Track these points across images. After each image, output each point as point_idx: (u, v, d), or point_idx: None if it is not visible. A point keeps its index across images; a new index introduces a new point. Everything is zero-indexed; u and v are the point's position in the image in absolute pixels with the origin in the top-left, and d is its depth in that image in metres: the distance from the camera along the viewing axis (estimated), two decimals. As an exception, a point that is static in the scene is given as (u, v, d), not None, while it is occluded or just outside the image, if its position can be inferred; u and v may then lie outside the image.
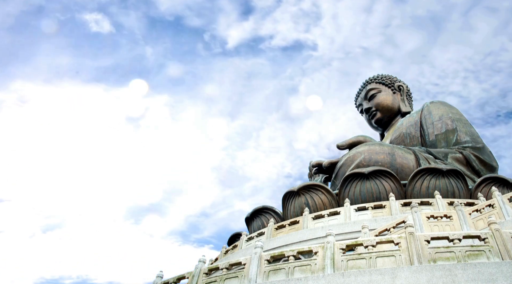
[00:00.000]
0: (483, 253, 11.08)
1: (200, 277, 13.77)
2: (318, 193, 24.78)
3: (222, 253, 25.52)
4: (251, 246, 21.72)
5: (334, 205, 24.26)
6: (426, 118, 33.37)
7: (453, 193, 23.16)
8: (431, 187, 23.10)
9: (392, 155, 26.77)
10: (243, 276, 12.54)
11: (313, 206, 24.47)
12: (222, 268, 13.52)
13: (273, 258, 12.95)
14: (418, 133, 33.36)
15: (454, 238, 11.75)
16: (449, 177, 23.46)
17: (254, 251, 13.13)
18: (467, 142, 29.51)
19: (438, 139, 30.99)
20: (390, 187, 23.57)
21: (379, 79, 40.69)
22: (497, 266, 10.21)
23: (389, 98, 39.28)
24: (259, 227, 26.48)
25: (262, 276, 12.39)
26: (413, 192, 23.39)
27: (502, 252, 10.91)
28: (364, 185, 24.03)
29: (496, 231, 11.44)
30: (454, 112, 32.99)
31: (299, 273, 11.99)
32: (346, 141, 31.45)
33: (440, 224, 16.28)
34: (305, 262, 12.24)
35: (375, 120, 39.59)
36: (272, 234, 23.01)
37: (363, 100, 40.90)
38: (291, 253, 12.79)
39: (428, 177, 23.40)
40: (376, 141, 32.07)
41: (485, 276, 10.01)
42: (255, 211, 27.37)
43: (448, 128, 31.15)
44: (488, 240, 11.43)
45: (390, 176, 23.86)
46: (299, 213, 24.45)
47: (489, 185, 23.68)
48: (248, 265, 12.80)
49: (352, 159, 27.22)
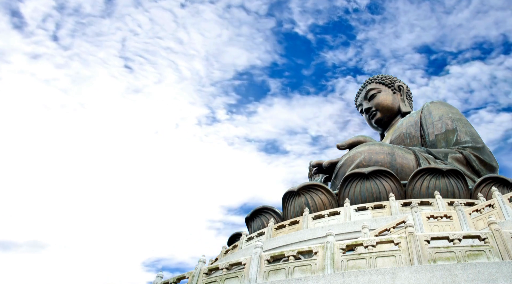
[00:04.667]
0: (483, 253, 11.08)
1: (200, 277, 13.76)
2: (318, 193, 24.77)
3: (222, 253, 25.51)
4: (251, 246, 21.73)
5: (334, 205, 24.26)
6: (426, 118, 33.37)
7: (453, 193, 23.16)
8: (431, 187, 23.10)
9: (392, 155, 26.77)
10: (243, 276, 12.54)
11: (313, 206, 24.47)
12: (222, 268, 13.52)
13: (273, 258, 12.94)
14: (418, 133, 33.36)
15: (454, 238, 11.75)
16: (449, 177, 23.46)
17: (254, 251, 13.12)
18: (467, 142, 29.52)
19: (438, 139, 30.99)
20: (390, 187, 23.57)
21: (379, 79, 40.74)
22: (497, 266, 10.21)
23: (389, 98, 39.32)
24: (259, 227, 26.48)
25: (262, 276, 12.38)
26: (413, 192, 23.39)
27: (502, 252, 10.91)
28: (364, 185, 24.03)
29: (496, 231, 11.44)
30: (454, 112, 33.00)
31: (299, 273, 11.98)
32: (346, 141, 31.46)
33: (440, 224, 16.28)
34: (305, 262, 12.23)
35: (375, 120, 39.62)
36: (272, 234, 23.00)
37: (363, 100, 40.92)
38: (291, 253, 12.78)
39: (428, 177, 23.40)
40: (376, 141, 32.04)
41: (485, 276, 10.01)
42: (255, 211, 27.36)
43: (448, 128, 31.16)
44: (488, 240, 11.43)
45: (390, 176, 23.85)
46: (299, 213, 24.45)
47: (489, 185, 23.70)
48: (248, 265, 12.79)
49: (352, 159, 27.22)
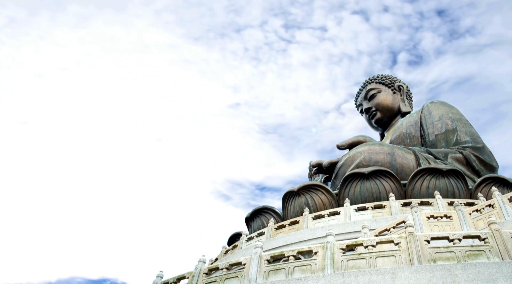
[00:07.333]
0: (483, 253, 11.07)
1: (200, 277, 13.77)
2: (318, 193, 24.77)
3: (222, 253, 25.50)
4: (251, 246, 21.72)
5: (334, 205, 24.26)
6: (426, 118, 33.36)
7: (453, 193, 23.15)
8: (431, 187, 23.10)
9: (392, 155, 26.76)
10: (243, 276, 12.53)
11: (313, 206, 24.47)
12: (222, 268, 13.52)
13: (273, 258, 12.94)
14: (418, 133, 33.35)
15: (454, 238, 11.75)
16: (449, 177, 23.45)
17: (254, 251, 13.12)
18: (467, 142, 29.51)
19: (438, 139, 30.98)
20: (390, 187, 23.57)
21: (379, 79, 40.73)
22: (497, 266, 10.20)
23: (389, 98, 39.31)
24: (259, 227, 26.47)
25: (262, 276, 12.38)
26: (413, 192, 23.38)
27: (502, 252, 10.90)
28: (364, 185, 24.02)
29: (496, 231, 11.44)
30: (454, 112, 32.98)
31: (299, 273, 11.98)
32: (346, 141, 31.47)
33: (440, 224, 16.27)
34: (305, 262, 12.23)
35: (375, 120, 39.62)
36: (272, 234, 22.99)
37: (363, 100, 40.92)
38: (291, 253, 12.77)
39: (428, 177, 23.39)
40: (376, 141, 32.05)
41: (485, 276, 10.01)
42: (255, 211, 27.35)
43: (448, 128, 31.15)
44: (488, 240, 11.42)
45: (390, 176, 23.85)
46: (299, 213, 24.44)
47: (489, 185, 23.69)
48: (248, 265, 12.79)
49: (352, 159, 27.21)
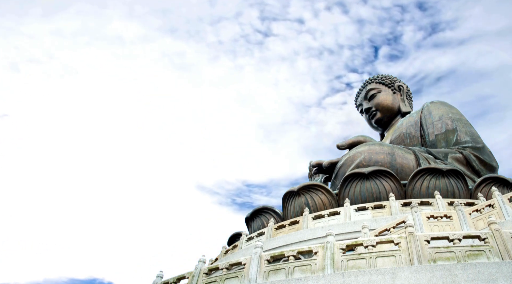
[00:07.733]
0: (483, 253, 11.07)
1: (200, 277, 13.77)
2: (318, 193, 24.76)
3: (222, 253, 25.50)
4: (251, 246, 21.72)
5: (334, 205, 24.25)
6: (426, 118, 33.36)
7: (453, 193, 23.15)
8: (431, 187, 23.09)
9: (392, 155, 26.76)
10: (243, 276, 12.53)
11: (313, 206, 24.46)
12: (222, 268, 13.51)
13: (273, 258, 12.94)
14: (418, 133, 33.35)
15: (454, 238, 11.74)
16: (449, 177, 23.45)
17: (254, 251, 13.12)
18: (467, 142, 29.51)
19: (438, 139, 30.98)
20: (390, 187, 23.56)
21: (379, 79, 40.73)
22: (497, 266, 10.20)
23: (389, 98, 39.31)
24: (259, 227, 26.47)
25: (262, 276, 12.38)
26: (413, 192, 23.38)
27: (502, 252, 10.90)
28: (364, 185, 24.02)
29: (496, 231, 11.44)
30: (454, 112, 32.98)
31: (299, 273, 11.98)
32: (346, 141, 31.46)
33: (440, 224, 16.27)
34: (305, 262, 12.23)
35: (375, 120, 39.61)
36: (272, 234, 22.99)
37: (363, 100, 40.92)
38: (291, 253, 12.77)
39: (428, 177, 23.39)
40: (376, 141, 32.04)
41: (485, 276, 10.00)
42: (255, 211, 27.35)
43: (448, 128, 31.15)
44: (488, 240, 11.42)
45: (390, 176, 23.84)
46: (299, 213, 24.44)
47: (489, 185, 23.68)
48: (248, 265, 12.79)
49: (352, 159, 27.21)
